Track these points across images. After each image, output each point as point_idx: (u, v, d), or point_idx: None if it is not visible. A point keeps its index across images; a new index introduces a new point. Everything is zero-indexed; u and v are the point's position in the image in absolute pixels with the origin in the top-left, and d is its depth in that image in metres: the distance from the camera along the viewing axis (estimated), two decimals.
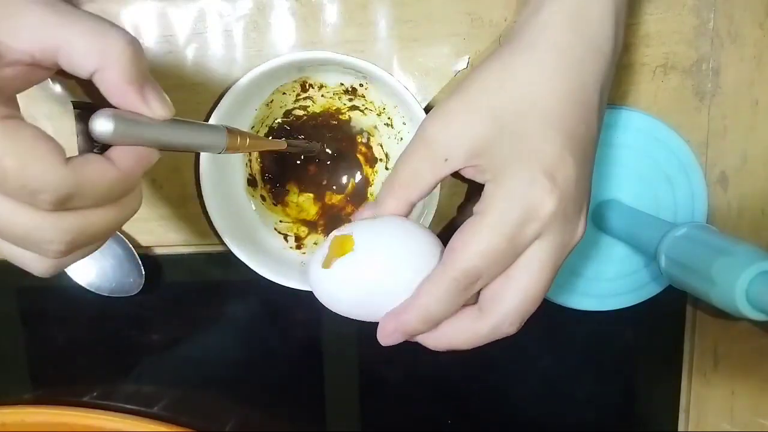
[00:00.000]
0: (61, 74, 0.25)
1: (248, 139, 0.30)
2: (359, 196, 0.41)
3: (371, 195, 0.41)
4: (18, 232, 0.23)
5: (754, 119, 0.43)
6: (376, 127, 0.39)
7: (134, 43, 0.24)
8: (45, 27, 0.23)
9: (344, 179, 0.41)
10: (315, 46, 0.38)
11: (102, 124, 0.23)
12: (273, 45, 0.39)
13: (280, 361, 0.47)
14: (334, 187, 0.41)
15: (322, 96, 0.38)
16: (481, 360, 0.47)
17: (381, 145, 0.40)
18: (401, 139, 0.39)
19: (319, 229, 0.41)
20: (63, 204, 0.23)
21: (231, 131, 0.29)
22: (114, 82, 0.24)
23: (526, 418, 0.48)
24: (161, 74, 0.40)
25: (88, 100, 0.31)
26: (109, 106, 0.25)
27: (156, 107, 0.25)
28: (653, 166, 0.42)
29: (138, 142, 0.25)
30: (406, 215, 0.31)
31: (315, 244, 0.40)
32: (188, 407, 0.46)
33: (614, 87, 0.42)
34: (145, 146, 0.25)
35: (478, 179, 0.30)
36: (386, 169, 0.40)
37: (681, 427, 0.48)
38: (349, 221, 0.41)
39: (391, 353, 0.46)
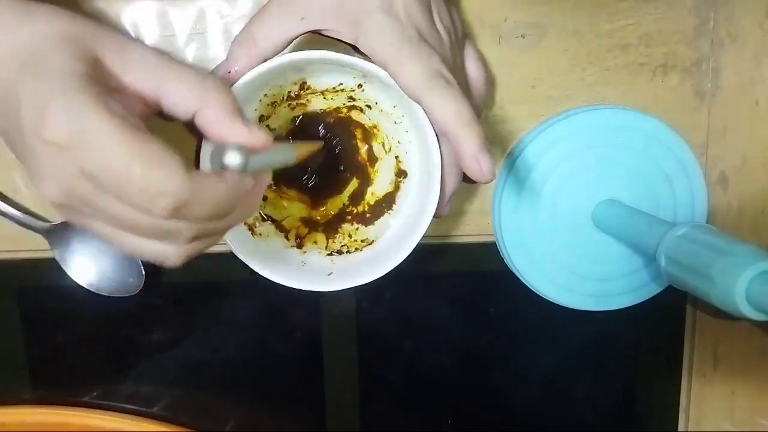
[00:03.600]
0: (161, 116, 0.28)
1: (302, 146, 0.33)
2: (359, 195, 0.41)
3: (372, 194, 0.41)
4: (147, 225, 0.25)
5: (754, 119, 0.43)
6: (375, 126, 0.39)
7: (227, 86, 0.28)
8: (149, 72, 0.26)
9: (345, 178, 0.41)
10: (314, 46, 0.38)
11: (234, 157, 0.26)
12: None
13: (280, 361, 0.47)
14: (335, 186, 0.41)
15: (322, 96, 0.38)
16: (481, 360, 0.47)
17: (382, 144, 0.40)
18: (401, 137, 0.39)
19: (320, 228, 0.41)
20: (178, 211, 0.24)
21: (293, 144, 0.33)
22: (218, 119, 0.27)
23: (526, 418, 0.48)
24: None
25: None
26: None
27: (260, 136, 0.28)
28: (653, 166, 0.42)
29: (256, 169, 0.28)
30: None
31: (315, 243, 0.40)
32: (188, 407, 0.46)
33: (614, 87, 0.42)
34: (262, 171, 0.30)
35: (345, 39, 0.33)
36: (387, 167, 0.40)
37: (681, 427, 0.48)
38: (349, 220, 0.41)
39: (391, 353, 0.46)
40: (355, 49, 0.33)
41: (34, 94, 0.24)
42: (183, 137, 0.34)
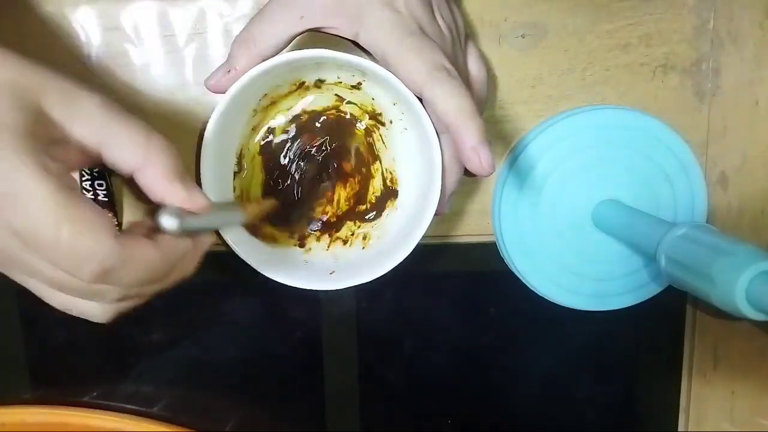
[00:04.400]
0: (103, 167, 0.27)
1: (253, 206, 0.34)
2: (362, 193, 0.41)
3: (373, 192, 0.41)
4: (74, 286, 0.25)
5: (754, 119, 0.43)
6: (375, 124, 0.39)
7: (171, 146, 0.27)
8: (92, 126, 0.26)
9: (345, 176, 0.41)
10: (314, 45, 0.38)
11: (169, 221, 0.25)
12: None
13: (280, 361, 0.47)
14: (336, 185, 0.41)
15: (320, 95, 0.38)
16: (481, 360, 0.47)
17: (382, 142, 0.40)
18: (400, 135, 0.39)
19: (320, 224, 0.41)
20: (104, 277, 0.24)
21: (243, 205, 0.33)
22: (156, 180, 0.27)
23: (526, 418, 0.48)
24: (161, 74, 0.40)
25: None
26: (147, 201, 0.27)
27: (199, 199, 0.27)
28: (653, 166, 0.42)
29: (192, 231, 0.28)
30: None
31: (317, 242, 0.40)
32: (188, 407, 0.46)
33: (614, 87, 0.42)
34: (203, 233, 0.29)
35: (346, 35, 0.33)
36: (387, 165, 0.40)
37: (681, 427, 0.48)
38: (351, 219, 0.41)
39: (391, 353, 0.46)
40: (356, 45, 0.33)
41: None
42: (183, 136, 0.34)
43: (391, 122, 0.39)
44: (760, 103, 0.43)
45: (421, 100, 0.33)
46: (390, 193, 0.40)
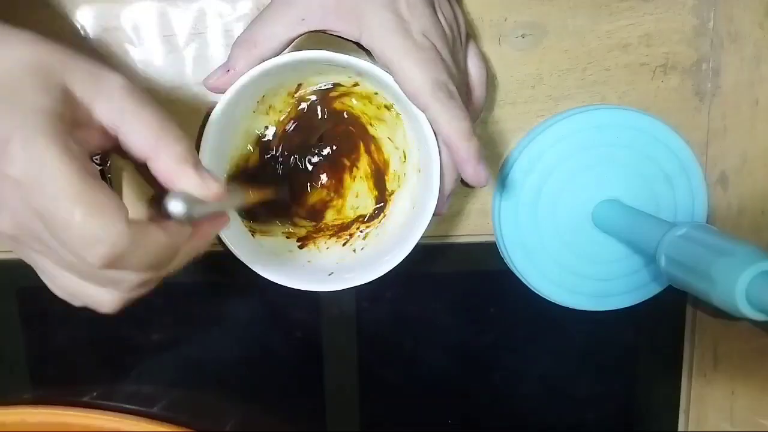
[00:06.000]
0: (119, 153, 0.28)
1: (253, 192, 0.34)
2: (360, 193, 0.41)
3: (373, 190, 0.41)
4: (88, 270, 0.26)
5: (754, 119, 0.43)
6: (371, 124, 0.39)
7: (184, 136, 0.28)
8: (112, 110, 0.26)
9: (343, 176, 0.41)
10: (314, 46, 0.38)
11: (176, 206, 0.25)
12: None
13: (280, 361, 0.47)
14: (334, 184, 0.41)
15: (319, 95, 0.38)
16: (481, 360, 0.47)
17: (380, 142, 0.40)
18: (397, 135, 0.39)
19: (320, 223, 0.41)
20: (113, 261, 0.24)
21: (245, 190, 0.34)
22: (168, 168, 0.27)
23: (526, 418, 0.48)
24: (161, 74, 0.40)
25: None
26: (161, 188, 0.27)
27: (212, 185, 0.27)
28: (653, 166, 0.42)
29: (200, 216, 0.28)
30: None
31: (316, 243, 0.40)
32: (188, 407, 0.46)
33: (614, 87, 0.42)
34: (208, 215, 0.29)
35: (349, 37, 0.33)
36: (384, 166, 0.40)
37: (681, 427, 0.48)
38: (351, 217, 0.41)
39: (391, 353, 0.46)
40: (358, 46, 0.33)
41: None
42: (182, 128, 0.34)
43: (387, 123, 0.39)
44: (760, 103, 0.43)
45: None
46: (389, 192, 0.40)
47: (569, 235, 0.42)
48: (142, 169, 0.28)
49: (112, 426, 0.43)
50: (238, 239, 0.37)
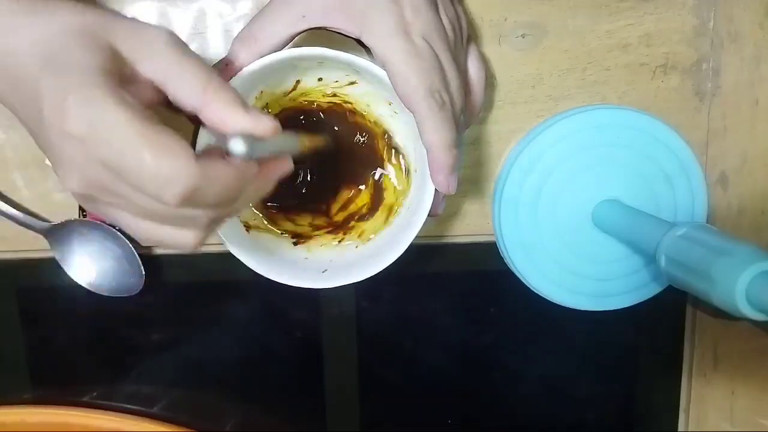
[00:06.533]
0: (169, 107, 0.28)
1: (307, 138, 0.34)
2: (357, 192, 0.41)
3: (370, 189, 0.41)
4: (163, 213, 0.26)
5: (754, 119, 0.43)
6: (368, 122, 0.39)
7: (228, 85, 0.28)
8: (157, 64, 0.27)
9: (342, 174, 0.41)
10: (314, 43, 0.38)
11: (237, 145, 0.26)
12: None
13: (280, 361, 0.47)
14: (331, 182, 0.41)
15: (315, 93, 0.38)
16: (481, 360, 0.47)
17: (376, 141, 0.40)
18: (393, 134, 0.39)
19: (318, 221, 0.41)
20: (189, 198, 0.25)
21: (300, 135, 0.34)
22: (221, 113, 0.27)
23: (526, 418, 0.48)
24: None
25: None
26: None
27: (266, 121, 0.28)
28: (653, 166, 0.42)
29: (262, 156, 0.29)
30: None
31: (310, 240, 0.40)
32: (188, 407, 0.46)
33: (614, 87, 0.42)
34: (268, 158, 0.30)
35: (350, 34, 0.33)
36: (380, 164, 0.40)
37: (681, 427, 0.48)
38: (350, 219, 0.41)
39: (391, 353, 0.46)
40: (359, 43, 0.33)
41: (54, 89, 0.25)
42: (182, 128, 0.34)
43: (384, 121, 0.39)
44: (760, 103, 0.43)
45: None
46: (384, 191, 0.40)
47: (569, 235, 0.42)
48: (194, 120, 0.29)
49: (112, 426, 0.43)
50: (232, 235, 0.37)
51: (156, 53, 0.27)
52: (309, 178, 0.41)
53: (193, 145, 0.34)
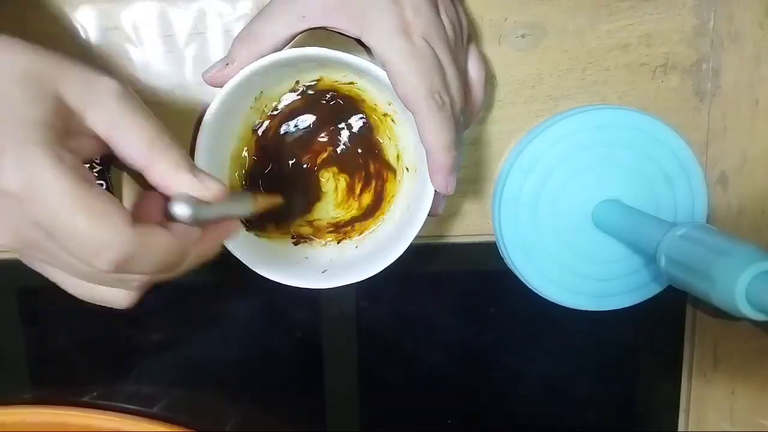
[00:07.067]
0: (114, 161, 0.28)
1: (262, 198, 0.34)
2: (357, 192, 0.41)
3: (370, 189, 0.41)
4: (95, 275, 0.26)
5: (754, 119, 0.43)
6: (368, 122, 0.39)
7: (178, 143, 0.27)
8: (105, 120, 0.26)
9: (342, 174, 0.41)
10: (314, 43, 0.38)
11: (181, 209, 0.26)
12: None
13: (280, 361, 0.47)
14: (331, 182, 0.41)
15: (315, 93, 0.38)
16: (481, 360, 0.47)
17: (376, 141, 0.40)
18: (394, 134, 0.39)
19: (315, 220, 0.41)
20: (122, 265, 0.24)
21: (252, 196, 0.33)
22: (166, 174, 0.26)
23: (526, 418, 0.48)
24: (161, 74, 0.40)
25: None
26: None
27: (212, 186, 0.27)
28: (653, 166, 0.42)
29: (209, 220, 0.28)
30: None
31: (310, 240, 0.40)
32: (188, 407, 0.46)
33: (614, 87, 0.42)
34: (216, 221, 0.29)
35: (350, 34, 0.33)
36: (381, 164, 0.40)
37: (681, 427, 0.48)
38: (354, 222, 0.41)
39: (391, 353, 0.46)
40: (359, 43, 0.33)
41: None
42: (183, 136, 0.34)
43: (384, 122, 0.39)
44: (760, 103, 0.43)
45: None
46: (384, 191, 0.40)
47: (569, 235, 0.42)
48: (136, 176, 0.28)
49: (112, 426, 0.43)
50: (237, 239, 0.37)
51: (104, 105, 0.26)
52: (305, 178, 0.41)
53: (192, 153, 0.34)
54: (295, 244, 0.40)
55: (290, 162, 0.40)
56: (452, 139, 0.33)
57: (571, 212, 0.42)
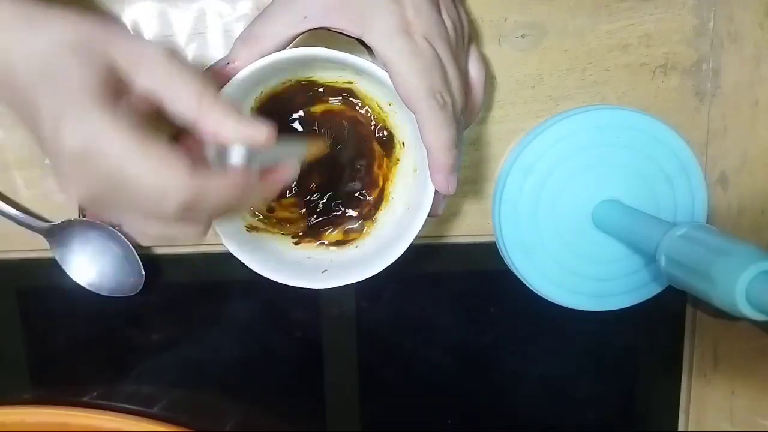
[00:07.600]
0: (164, 119, 0.28)
1: (315, 143, 0.35)
2: (357, 191, 0.41)
3: (370, 189, 0.41)
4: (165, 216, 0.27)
5: (754, 119, 0.43)
6: (368, 122, 0.39)
7: (224, 96, 0.29)
8: (154, 79, 0.27)
9: (342, 174, 0.41)
10: (315, 43, 0.38)
11: (237, 155, 0.27)
12: None
13: (280, 361, 0.47)
14: (332, 182, 0.41)
15: (315, 93, 0.38)
16: (481, 360, 0.47)
17: (377, 141, 0.40)
18: (394, 133, 0.39)
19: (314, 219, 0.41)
20: (186, 210, 0.26)
21: (304, 140, 0.35)
22: (219, 124, 0.28)
23: (526, 418, 0.48)
24: None
25: None
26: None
27: (263, 129, 0.28)
28: (653, 166, 0.42)
29: (264, 165, 0.29)
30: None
31: (310, 240, 0.40)
32: (188, 407, 0.46)
33: (614, 87, 0.42)
34: (271, 166, 0.30)
35: (351, 34, 0.33)
36: (380, 164, 0.40)
37: (681, 427, 0.48)
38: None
39: (391, 353, 0.46)
40: (360, 43, 0.33)
41: (50, 105, 0.25)
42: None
43: (384, 121, 0.39)
44: (760, 103, 0.43)
45: None
46: (385, 192, 0.40)
47: (569, 235, 0.42)
48: (177, 138, 0.29)
49: (112, 426, 0.43)
50: (232, 234, 0.37)
51: (152, 65, 0.27)
52: (305, 178, 0.41)
53: None
54: (296, 244, 0.40)
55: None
56: (452, 139, 0.33)
57: (571, 212, 0.42)
